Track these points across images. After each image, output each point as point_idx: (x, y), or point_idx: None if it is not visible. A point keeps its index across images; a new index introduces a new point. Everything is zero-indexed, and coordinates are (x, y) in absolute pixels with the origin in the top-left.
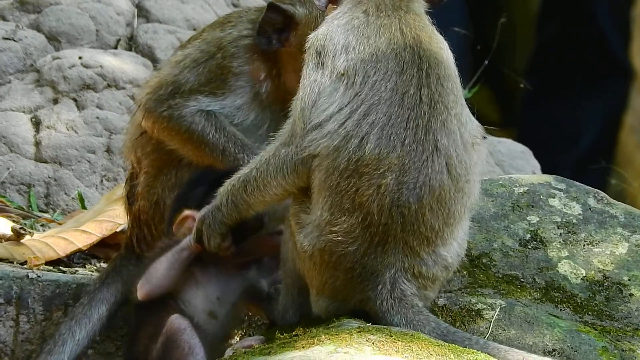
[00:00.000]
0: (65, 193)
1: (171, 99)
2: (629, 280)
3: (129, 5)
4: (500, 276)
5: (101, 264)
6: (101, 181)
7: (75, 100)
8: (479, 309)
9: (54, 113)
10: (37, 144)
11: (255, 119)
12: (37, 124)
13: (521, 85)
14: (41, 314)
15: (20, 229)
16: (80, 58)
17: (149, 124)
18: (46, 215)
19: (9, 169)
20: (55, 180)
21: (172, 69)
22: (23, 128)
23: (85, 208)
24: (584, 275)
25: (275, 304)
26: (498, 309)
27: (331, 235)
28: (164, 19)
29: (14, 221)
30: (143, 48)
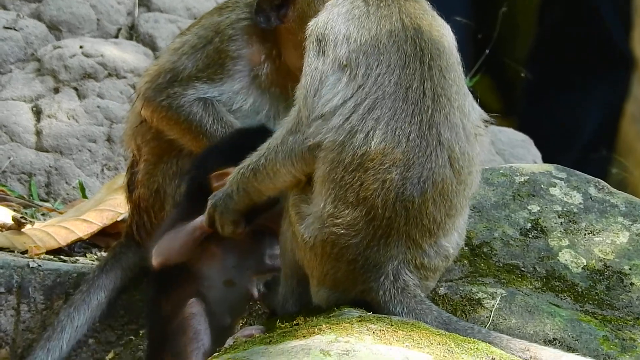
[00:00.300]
0: (66, 182)
1: (170, 87)
2: (630, 269)
3: None
4: (501, 265)
5: (102, 253)
6: (102, 170)
7: (76, 89)
8: (479, 298)
9: (54, 102)
10: (38, 133)
11: (254, 103)
12: (38, 113)
13: (522, 74)
14: (42, 303)
15: (21, 218)
16: (81, 47)
17: (147, 113)
18: (47, 204)
19: (9, 158)
20: (56, 169)
21: (170, 56)
22: (24, 117)
23: (86, 197)
24: (585, 264)
25: (275, 294)
26: (499, 298)
27: (334, 227)
28: (165, 8)
29: (14, 210)
30: (144, 37)
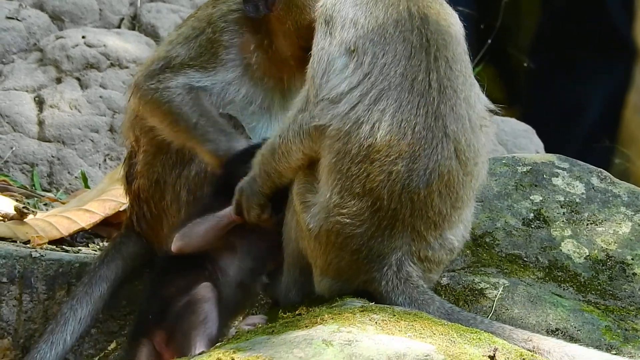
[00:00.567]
0: (69, 172)
1: (161, 73)
2: (632, 259)
3: None
4: (504, 255)
5: (104, 243)
6: (104, 160)
7: (78, 79)
8: (482, 288)
9: (57, 92)
10: (41, 123)
11: (246, 94)
12: (40, 103)
13: (525, 64)
14: (44, 293)
15: (24, 208)
16: (83, 37)
17: (135, 99)
18: (49, 194)
19: (12, 148)
20: (58, 159)
21: (165, 47)
22: (26, 107)
23: (89, 187)
24: (587, 254)
25: (278, 284)
26: (501, 288)
27: (339, 217)
28: None
29: (17, 200)
30: (146, 27)
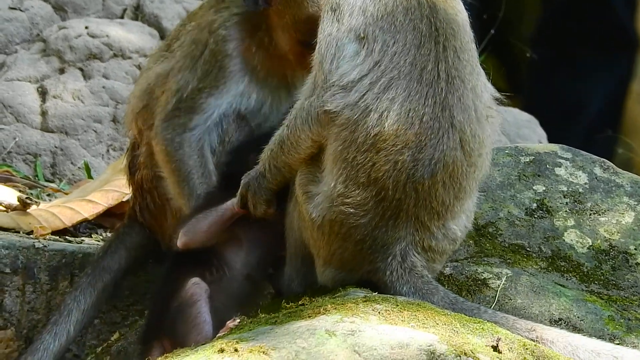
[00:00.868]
0: (72, 163)
1: (176, 116)
2: (635, 249)
3: None
4: (507, 245)
5: (107, 233)
6: (107, 151)
7: (81, 70)
8: (485, 278)
9: (60, 83)
10: (44, 113)
11: (257, 98)
12: (43, 93)
13: (528, 54)
14: (47, 284)
15: (27, 198)
16: (86, 28)
17: (153, 141)
18: (52, 185)
19: (15, 138)
20: (61, 149)
21: (174, 75)
22: (29, 98)
23: (92, 178)
24: (590, 244)
25: (281, 274)
26: (504, 278)
27: (343, 206)
28: None
29: (20, 191)
30: (149, 17)
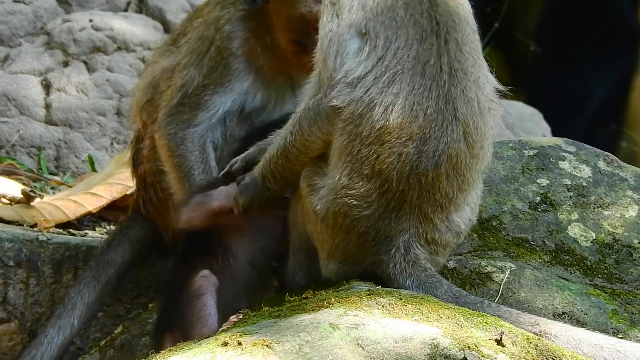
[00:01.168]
0: (76, 156)
1: (180, 112)
2: (639, 243)
3: None
4: (510, 239)
5: (111, 226)
6: (111, 144)
7: (85, 63)
8: (488, 272)
9: (64, 76)
10: (48, 106)
11: (262, 97)
12: (47, 86)
13: (531, 47)
14: (51, 277)
15: (31, 191)
16: (90, 21)
17: (156, 135)
18: (56, 178)
19: (19, 131)
20: (65, 142)
21: (180, 71)
22: (33, 91)
23: (96, 171)
24: (594, 238)
25: (285, 267)
26: (508, 272)
27: (346, 198)
28: None
29: (24, 184)
30: (153, 10)
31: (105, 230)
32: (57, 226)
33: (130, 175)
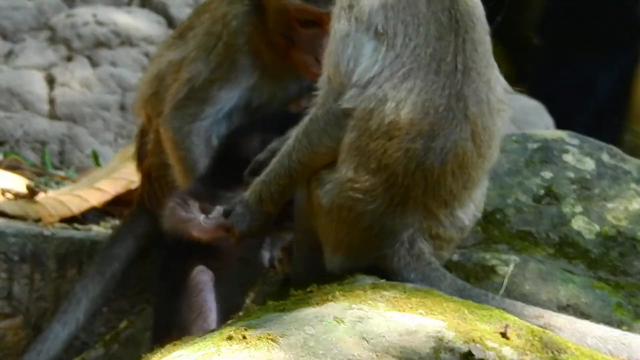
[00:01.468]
0: (80, 150)
1: (186, 106)
2: None
3: None
4: (514, 232)
5: (115, 221)
6: (115, 139)
7: (89, 57)
8: (493, 265)
9: (68, 71)
10: (51, 101)
11: (268, 93)
12: (51, 81)
13: (534, 41)
14: (55, 272)
15: (35, 186)
16: (94, 16)
17: (161, 128)
18: (60, 172)
19: (23, 126)
20: (69, 137)
21: (187, 65)
22: (37, 86)
23: (100, 165)
24: (598, 230)
25: (290, 261)
26: (512, 265)
27: (352, 192)
28: None
29: (28, 179)
30: (157, 5)
31: (109, 225)
32: (62, 221)
33: (135, 169)
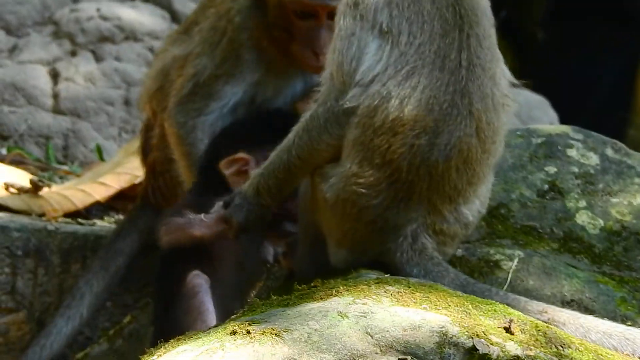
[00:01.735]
0: (84, 145)
1: (190, 101)
2: None
3: None
4: (519, 227)
5: (119, 216)
6: (119, 133)
7: (93, 52)
8: (497, 260)
9: (72, 65)
10: (55, 96)
11: (273, 88)
12: (55, 76)
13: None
14: (59, 266)
15: (39, 181)
16: (98, 10)
17: (166, 123)
18: (64, 167)
19: (27, 121)
20: (73, 132)
21: (192, 60)
22: (41, 80)
23: (104, 160)
24: (602, 225)
25: (295, 255)
26: (516, 260)
27: (356, 186)
28: None
29: (32, 173)
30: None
31: (113, 219)
32: (66, 216)
33: (139, 164)
